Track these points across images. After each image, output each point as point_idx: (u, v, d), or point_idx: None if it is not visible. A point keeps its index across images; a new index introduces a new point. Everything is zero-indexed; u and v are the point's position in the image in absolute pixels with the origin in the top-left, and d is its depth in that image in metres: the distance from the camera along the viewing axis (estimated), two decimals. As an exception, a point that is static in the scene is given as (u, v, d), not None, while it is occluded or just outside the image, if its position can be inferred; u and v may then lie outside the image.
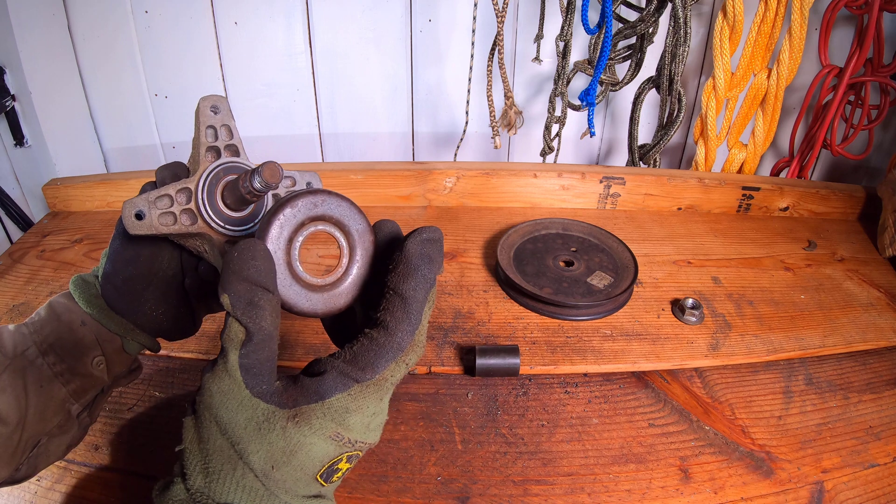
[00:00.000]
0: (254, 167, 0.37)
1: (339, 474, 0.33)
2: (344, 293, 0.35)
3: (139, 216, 0.39)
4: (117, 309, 0.45)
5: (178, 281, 0.46)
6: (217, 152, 0.43)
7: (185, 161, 0.45)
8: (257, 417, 0.30)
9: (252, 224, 0.42)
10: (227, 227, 0.41)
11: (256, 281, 0.30)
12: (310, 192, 0.34)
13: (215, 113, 0.43)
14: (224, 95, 0.44)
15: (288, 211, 0.33)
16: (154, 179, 0.44)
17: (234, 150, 0.44)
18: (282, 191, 0.45)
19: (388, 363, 0.31)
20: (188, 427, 0.32)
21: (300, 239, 0.33)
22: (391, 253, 0.34)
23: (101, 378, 0.45)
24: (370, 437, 0.33)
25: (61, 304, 0.45)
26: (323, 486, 0.32)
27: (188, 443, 0.31)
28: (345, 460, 0.32)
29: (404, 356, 0.31)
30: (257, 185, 0.36)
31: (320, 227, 0.34)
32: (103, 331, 0.45)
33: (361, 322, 0.36)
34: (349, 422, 0.31)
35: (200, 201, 0.40)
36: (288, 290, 0.33)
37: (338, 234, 0.35)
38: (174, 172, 0.44)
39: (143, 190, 0.43)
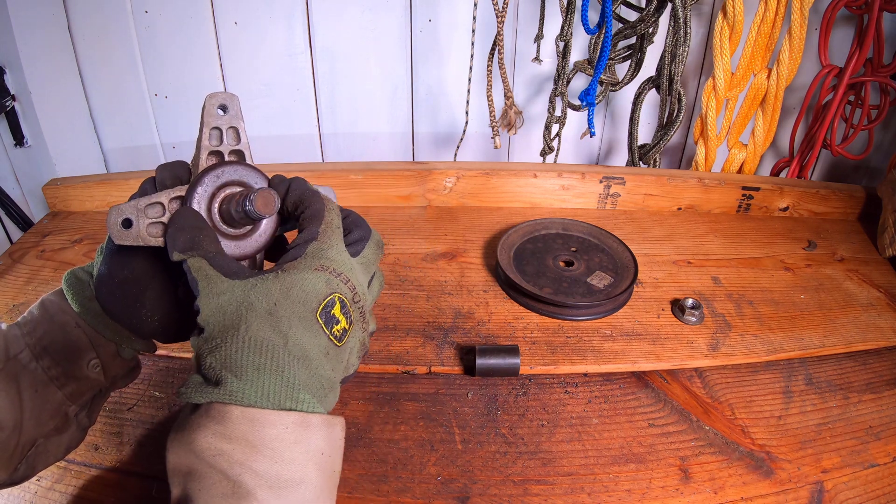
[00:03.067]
0: (251, 190, 0.38)
1: (339, 327, 0.36)
2: (262, 235, 0.41)
3: (126, 224, 0.37)
4: (112, 313, 0.43)
5: (174, 285, 0.45)
6: (221, 157, 0.41)
7: (189, 160, 0.43)
8: (249, 285, 0.35)
9: (251, 251, 0.41)
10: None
11: (193, 226, 0.37)
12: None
13: (223, 112, 0.41)
14: (235, 94, 0.42)
15: (199, 188, 0.39)
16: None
17: (241, 156, 0.42)
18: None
19: (324, 216, 0.39)
20: (196, 341, 0.35)
21: (216, 204, 0.39)
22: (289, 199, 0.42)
23: (98, 380, 0.44)
24: (351, 273, 0.38)
25: (54, 304, 0.44)
26: (325, 331, 0.35)
27: (197, 348, 0.35)
28: (338, 306, 0.36)
29: (331, 205, 0.41)
30: (249, 211, 0.37)
31: (228, 190, 0.40)
32: (97, 335, 0.44)
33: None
34: (327, 255, 0.37)
35: None
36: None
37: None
38: (175, 174, 0.42)
39: (142, 188, 0.42)
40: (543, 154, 1.09)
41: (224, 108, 0.41)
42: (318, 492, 0.33)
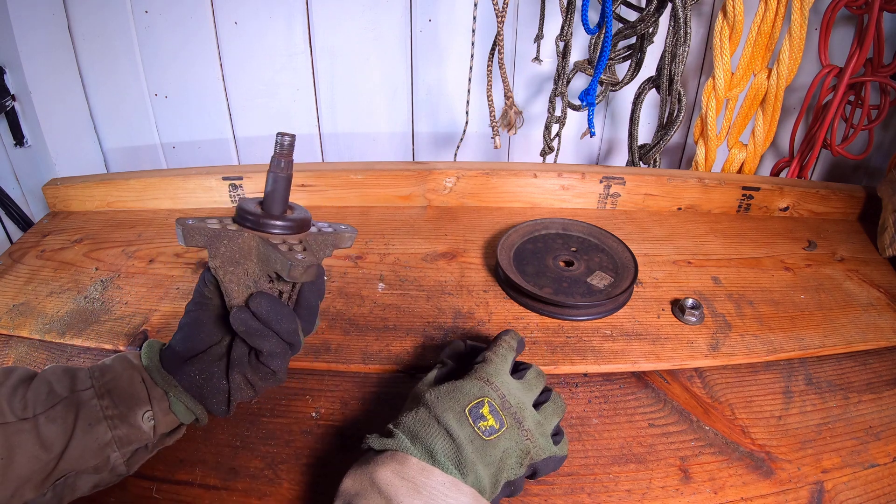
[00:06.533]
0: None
1: (485, 423, 0.47)
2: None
3: (191, 222, 0.46)
4: (166, 366, 0.51)
5: (223, 370, 0.51)
6: (220, 220, 0.50)
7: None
8: (434, 389, 0.50)
9: (290, 221, 0.49)
10: (270, 225, 0.48)
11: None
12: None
13: (192, 221, 0.48)
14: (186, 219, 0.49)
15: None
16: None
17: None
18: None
19: (499, 347, 0.55)
20: (411, 413, 0.49)
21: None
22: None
23: (147, 434, 0.48)
24: (505, 386, 0.50)
25: (127, 360, 0.50)
26: (471, 424, 0.47)
27: (406, 419, 0.48)
28: (487, 407, 0.48)
29: (510, 342, 0.56)
30: (286, 142, 0.48)
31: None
32: (157, 390, 0.49)
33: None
34: (487, 370, 0.51)
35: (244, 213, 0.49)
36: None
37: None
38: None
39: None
40: (543, 154, 1.09)
41: (188, 227, 0.50)
42: None
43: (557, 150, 1.10)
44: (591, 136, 1.02)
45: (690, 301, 0.73)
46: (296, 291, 0.52)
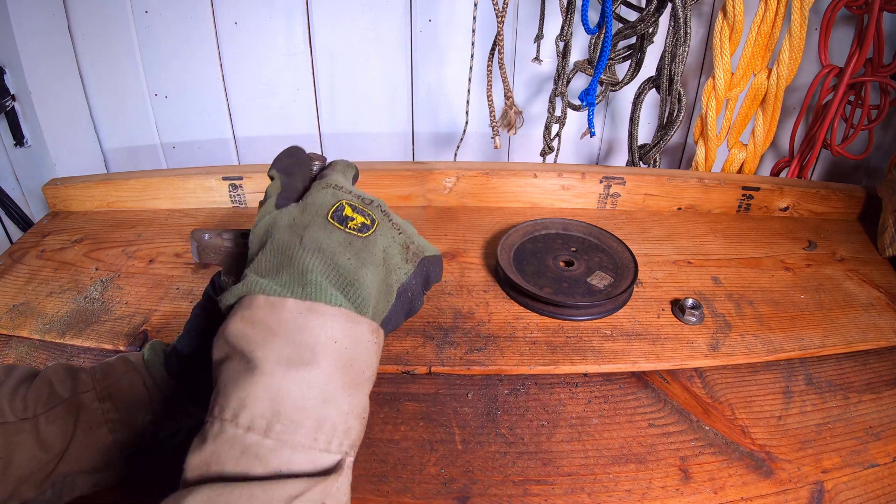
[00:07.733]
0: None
1: (354, 223, 0.42)
2: None
3: (207, 237, 0.46)
4: (172, 373, 0.51)
5: None
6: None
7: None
8: (279, 211, 0.43)
9: None
10: None
11: (299, 157, 0.47)
12: None
13: (208, 237, 0.49)
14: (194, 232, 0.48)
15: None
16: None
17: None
18: None
19: (333, 165, 0.49)
20: (266, 248, 0.41)
21: None
22: None
23: (149, 437, 0.48)
24: (352, 190, 0.46)
25: (129, 362, 0.50)
26: (341, 228, 0.41)
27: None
28: (348, 209, 0.42)
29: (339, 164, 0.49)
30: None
31: None
32: (159, 394, 0.49)
33: None
34: (329, 178, 0.45)
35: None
36: None
37: None
38: None
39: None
40: (543, 154, 1.09)
41: (202, 235, 0.49)
42: (328, 378, 0.35)
43: (557, 150, 1.10)
44: (591, 136, 1.02)
45: (690, 301, 0.73)
46: None
